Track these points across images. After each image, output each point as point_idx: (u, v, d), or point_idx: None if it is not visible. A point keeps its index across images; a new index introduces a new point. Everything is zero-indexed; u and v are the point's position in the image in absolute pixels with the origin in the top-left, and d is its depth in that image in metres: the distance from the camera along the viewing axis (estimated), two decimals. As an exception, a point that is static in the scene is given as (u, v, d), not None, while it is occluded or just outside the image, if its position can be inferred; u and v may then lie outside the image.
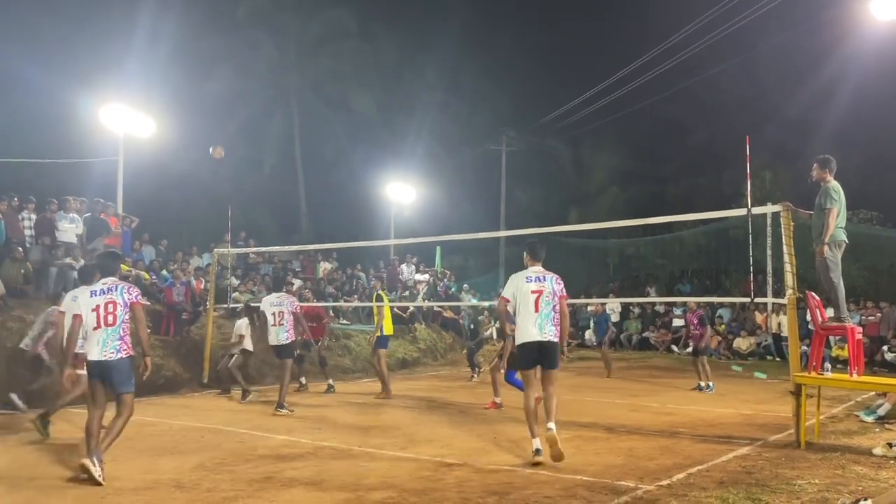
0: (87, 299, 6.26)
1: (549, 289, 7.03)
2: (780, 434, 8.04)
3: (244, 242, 18.10)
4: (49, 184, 16.70)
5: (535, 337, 6.87)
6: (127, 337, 6.21)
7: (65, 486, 5.91)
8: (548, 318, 6.92)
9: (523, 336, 6.96)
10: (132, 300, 6.26)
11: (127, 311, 6.22)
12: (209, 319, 13.23)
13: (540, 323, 6.90)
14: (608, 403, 11.04)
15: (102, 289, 6.25)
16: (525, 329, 6.95)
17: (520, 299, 7.01)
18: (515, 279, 7.19)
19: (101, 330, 6.12)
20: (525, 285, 7.05)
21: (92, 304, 6.18)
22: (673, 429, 8.64)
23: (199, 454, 7.12)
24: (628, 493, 5.54)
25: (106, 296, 6.20)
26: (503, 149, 30.93)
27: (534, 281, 7.08)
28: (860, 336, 7.93)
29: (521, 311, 6.99)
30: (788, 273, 7.76)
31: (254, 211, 26.09)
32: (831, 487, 5.66)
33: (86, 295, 6.33)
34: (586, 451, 7.23)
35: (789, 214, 7.85)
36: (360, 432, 8.44)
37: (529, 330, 6.91)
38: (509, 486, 5.80)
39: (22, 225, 13.67)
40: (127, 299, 6.22)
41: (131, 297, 6.27)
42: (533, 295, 6.97)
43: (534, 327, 6.89)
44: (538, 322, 6.90)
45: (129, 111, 16.87)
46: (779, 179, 24.46)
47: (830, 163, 7.71)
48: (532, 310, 6.92)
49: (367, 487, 5.81)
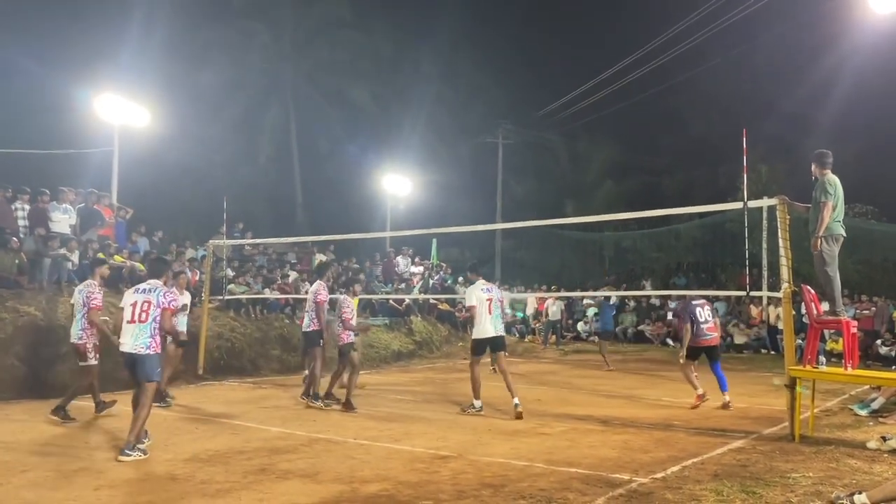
0: (129, 295, 6.96)
1: (496, 296, 9.29)
2: (775, 427, 8.06)
3: (241, 234, 18.04)
4: (44, 174, 16.59)
5: (490, 333, 9.15)
6: (157, 336, 6.81)
7: (65, 476, 5.89)
8: (498, 318, 9.24)
9: (481, 332, 9.17)
10: (165, 305, 6.85)
11: (159, 312, 6.80)
12: (204, 311, 13.19)
13: (493, 322, 9.17)
14: (603, 396, 11.06)
15: (145, 288, 6.94)
16: (483, 327, 9.14)
17: (479, 306, 9.13)
18: (475, 291, 9.25)
19: (134, 325, 6.75)
20: (482, 294, 9.19)
21: (130, 300, 6.85)
22: (668, 422, 8.65)
23: (193, 446, 7.11)
24: (623, 486, 5.55)
25: (145, 295, 6.84)
26: (499, 141, 30.87)
27: (486, 291, 9.27)
28: (855, 330, 7.94)
29: (481, 314, 9.12)
30: (784, 267, 7.76)
31: (249, 202, 26.03)
32: (825, 480, 5.68)
33: (130, 291, 7.09)
34: (581, 444, 7.24)
35: (785, 208, 7.83)
36: (355, 425, 8.43)
37: (486, 328, 9.15)
38: (504, 479, 5.80)
39: (15, 215, 13.59)
40: (162, 302, 6.82)
41: (166, 301, 6.87)
42: (487, 302, 9.15)
43: (490, 325, 9.15)
44: (493, 322, 9.17)
45: (124, 101, 16.81)
46: (775, 173, 24.49)
47: (826, 156, 7.66)
48: (486, 312, 9.12)
49: (362, 480, 5.81)
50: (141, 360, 6.70)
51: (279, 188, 30.27)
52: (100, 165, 17.37)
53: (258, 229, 20.47)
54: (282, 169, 30.44)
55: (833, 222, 7.47)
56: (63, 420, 8.27)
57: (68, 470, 6.10)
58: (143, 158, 20.24)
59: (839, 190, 7.53)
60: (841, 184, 7.58)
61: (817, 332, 8.14)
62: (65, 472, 6.06)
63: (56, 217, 13.88)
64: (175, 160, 24.35)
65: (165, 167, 23.94)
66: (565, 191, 31.93)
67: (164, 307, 6.82)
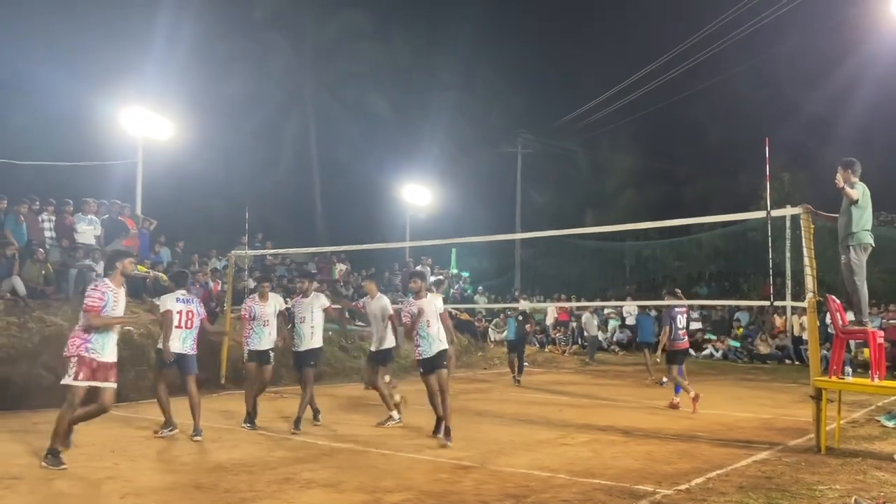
0: (174, 303, 8.10)
1: None
2: (800, 439, 7.97)
3: (261, 244, 18.18)
4: (69, 186, 16.84)
5: None
6: (196, 339, 8.26)
7: (92, 485, 5.96)
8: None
9: None
10: (203, 315, 8.38)
11: (199, 319, 8.27)
12: (227, 321, 13.29)
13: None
14: (625, 407, 10.99)
15: (185, 299, 8.22)
16: None
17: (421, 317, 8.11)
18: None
19: (181, 330, 8.09)
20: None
21: (177, 309, 8.09)
22: (691, 433, 8.58)
23: (217, 455, 7.17)
24: (646, 498, 5.51)
25: (187, 305, 8.17)
26: (519, 150, 30.89)
27: None
28: (881, 340, 7.84)
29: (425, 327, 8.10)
30: (808, 276, 7.69)
31: (270, 212, 26.21)
32: (852, 493, 5.59)
33: (172, 299, 8.15)
34: (604, 455, 7.20)
35: (809, 217, 7.76)
36: (377, 434, 8.45)
37: None
38: (527, 490, 5.79)
39: (42, 227, 13.83)
40: (201, 312, 8.33)
41: (202, 311, 8.40)
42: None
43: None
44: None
45: (148, 114, 17.04)
46: (798, 181, 24.27)
47: (854, 164, 7.53)
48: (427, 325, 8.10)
49: (385, 490, 5.82)
50: (188, 358, 8.14)
51: (299, 199, 30.48)
52: (123, 177, 17.61)
53: (279, 239, 20.64)
54: (302, 180, 30.67)
55: (861, 231, 7.37)
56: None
57: (95, 479, 6.16)
58: (165, 170, 20.47)
59: (868, 198, 7.44)
60: None
61: (843, 343, 8.04)
62: (92, 480, 6.13)
63: (81, 228, 14.09)
64: (197, 171, 24.59)
65: (188, 178, 24.19)
66: (585, 200, 31.89)
67: (202, 317, 8.32)
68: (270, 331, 9.03)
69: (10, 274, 12.17)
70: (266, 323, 8.99)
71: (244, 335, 9.09)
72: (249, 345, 9.02)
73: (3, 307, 11.73)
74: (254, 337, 8.99)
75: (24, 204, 13.52)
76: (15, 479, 6.05)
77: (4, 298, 11.89)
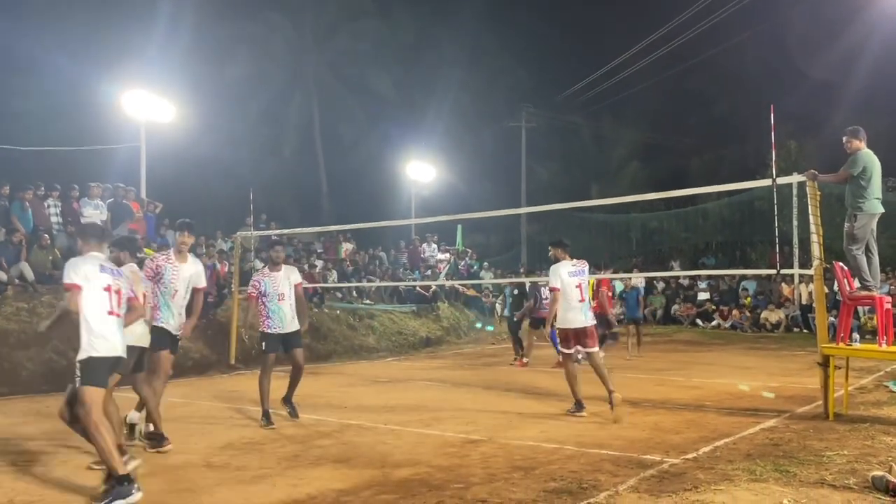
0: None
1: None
2: (808, 406, 7.98)
3: (265, 225, 18.19)
4: (72, 171, 16.86)
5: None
6: None
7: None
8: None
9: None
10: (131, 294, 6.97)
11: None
12: (234, 302, 13.34)
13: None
14: (633, 378, 11.01)
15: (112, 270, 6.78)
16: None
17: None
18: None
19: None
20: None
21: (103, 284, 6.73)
22: (698, 402, 8.60)
23: (228, 434, 7.23)
24: (654, 467, 5.53)
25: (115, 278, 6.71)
26: (523, 125, 30.69)
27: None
28: (889, 306, 7.81)
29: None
30: (815, 243, 7.64)
31: (275, 193, 26.22)
32: (861, 458, 5.61)
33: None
34: (611, 426, 7.23)
35: (815, 184, 7.70)
36: (385, 410, 8.50)
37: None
38: (534, 461, 5.82)
39: (48, 212, 13.88)
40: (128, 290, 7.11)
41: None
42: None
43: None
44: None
45: (150, 97, 17.00)
46: (804, 149, 24.05)
47: (858, 132, 7.51)
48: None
49: (394, 464, 5.86)
50: None
51: (304, 179, 30.43)
52: (127, 161, 17.63)
53: (284, 220, 20.66)
54: (306, 160, 30.58)
55: (872, 199, 7.32)
56: None
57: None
58: (169, 153, 20.48)
59: (874, 165, 7.37)
60: None
61: (850, 309, 8.02)
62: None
63: (87, 212, 14.12)
64: (201, 154, 24.56)
65: (191, 161, 24.17)
66: (591, 173, 31.71)
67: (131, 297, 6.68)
68: (291, 304, 7.75)
69: (18, 260, 12.24)
70: (282, 297, 7.65)
71: (260, 317, 7.77)
72: (270, 327, 7.66)
73: (13, 293, 11.82)
74: (273, 318, 7.65)
75: (29, 190, 13.55)
76: (28, 462, 6.13)
77: (13, 284, 11.97)
